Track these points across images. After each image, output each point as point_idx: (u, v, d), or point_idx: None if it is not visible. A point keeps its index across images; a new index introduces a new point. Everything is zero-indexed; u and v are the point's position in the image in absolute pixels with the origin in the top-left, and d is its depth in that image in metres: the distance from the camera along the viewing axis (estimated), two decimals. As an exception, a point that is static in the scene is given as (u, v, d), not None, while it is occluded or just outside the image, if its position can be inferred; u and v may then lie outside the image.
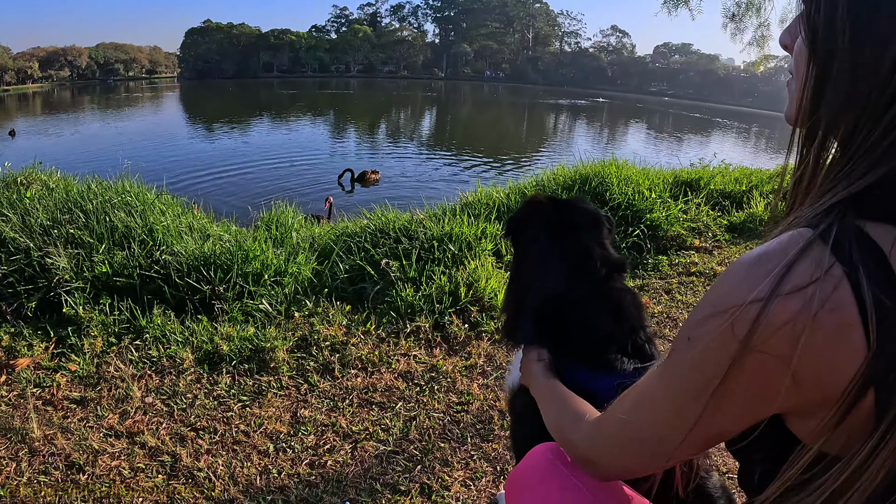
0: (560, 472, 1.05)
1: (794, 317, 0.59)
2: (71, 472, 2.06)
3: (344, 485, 2.04)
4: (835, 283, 0.59)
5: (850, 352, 0.59)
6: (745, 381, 0.65)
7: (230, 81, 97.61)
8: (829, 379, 0.61)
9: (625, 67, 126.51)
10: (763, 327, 0.61)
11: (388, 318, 3.14)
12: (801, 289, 0.59)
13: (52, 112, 41.28)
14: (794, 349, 0.60)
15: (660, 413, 0.77)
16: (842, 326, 0.58)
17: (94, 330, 2.86)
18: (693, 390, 0.70)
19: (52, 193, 4.12)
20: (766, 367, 0.62)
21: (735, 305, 0.63)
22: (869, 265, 0.58)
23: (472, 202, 5.00)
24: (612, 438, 0.88)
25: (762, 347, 0.61)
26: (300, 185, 13.49)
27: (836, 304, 0.58)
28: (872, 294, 0.57)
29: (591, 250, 1.46)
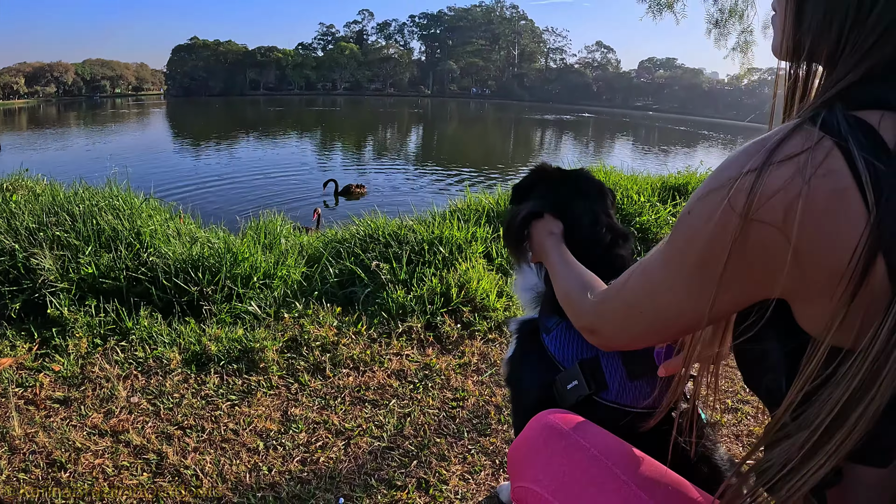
0: (563, 434, 1.04)
1: (788, 183, 0.60)
2: (52, 469, 1.99)
3: (338, 481, 1.98)
4: (826, 151, 0.60)
5: (849, 219, 0.58)
6: (748, 255, 0.65)
7: (217, 99, 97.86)
8: (831, 250, 0.60)
9: (610, 83, 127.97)
10: (759, 196, 0.61)
11: (380, 319, 3.10)
12: (793, 157, 0.61)
13: (39, 128, 41.11)
14: (790, 216, 0.60)
15: (662, 289, 0.78)
16: (836, 191, 0.59)
17: (79, 331, 2.79)
18: (696, 265, 0.71)
19: (39, 199, 4.06)
20: (766, 237, 0.63)
21: (732, 177, 0.64)
22: (858, 136, 0.60)
23: (462, 208, 5.00)
24: (614, 313, 0.91)
25: (759, 216, 0.62)
26: (287, 199, 13.44)
27: (827, 169, 0.59)
28: (864, 159, 0.58)
29: (598, 216, 1.46)
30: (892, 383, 0.58)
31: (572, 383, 1.28)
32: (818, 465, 0.62)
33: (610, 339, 0.96)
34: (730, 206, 0.64)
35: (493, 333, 3.07)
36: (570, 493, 0.98)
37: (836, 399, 0.61)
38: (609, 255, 1.41)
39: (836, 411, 0.61)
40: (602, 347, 1.04)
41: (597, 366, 1.28)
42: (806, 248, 0.61)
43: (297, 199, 13.62)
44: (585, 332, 1.02)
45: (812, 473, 0.63)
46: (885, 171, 0.57)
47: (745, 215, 0.63)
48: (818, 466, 0.62)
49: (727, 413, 2.49)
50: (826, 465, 0.62)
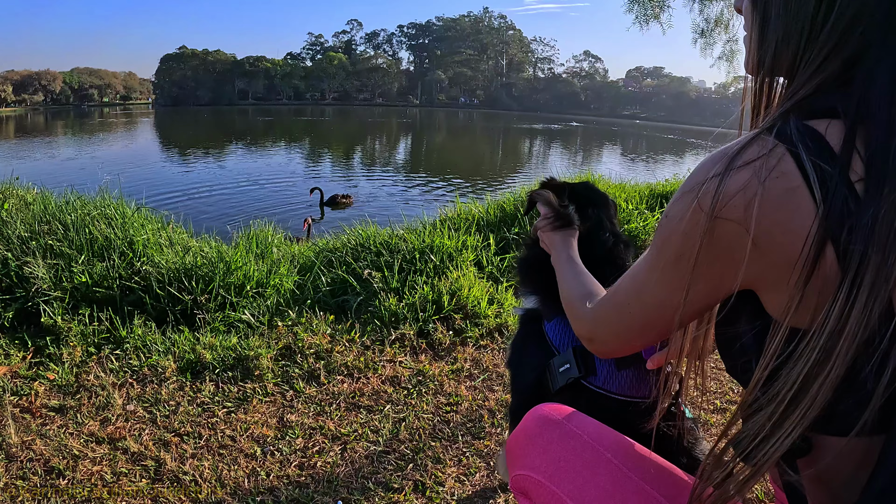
0: (559, 424, 1.11)
1: (746, 184, 0.69)
2: (50, 476, 2.00)
3: (335, 484, 2.01)
4: (779, 157, 0.68)
5: (800, 213, 0.67)
6: (716, 248, 0.73)
7: (205, 108, 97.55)
8: (785, 240, 0.68)
9: (598, 92, 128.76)
10: (722, 196, 0.70)
11: (373, 327, 3.12)
12: (750, 163, 0.70)
13: (26, 136, 40.91)
14: (749, 212, 0.69)
15: (647, 287, 0.87)
16: (788, 190, 0.67)
17: (74, 339, 2.80)
18: (673, 261, 0.79)
19: (30, 207, 4.05)
20: (729, 232, 0.71)
21: (699, 182, 0.73)
22: (807, 142, 0.68)
23: (452, 217, 5.03)
24: (608, 318, 0.99)
25: (723, 214, 0.71)
26: (277, 209, 13.43)
27: (780, 172, 0.68)
28: (811, 161, 0.66)
29: (602, 221, 1.58)
30: (847, 357, 0.65)
31: (565, 366, 1.39)
32: (786, 433, 0.69)
33: (605, 344, 1.03)
34: (699, 207, 0.73)
35: (484, 340, 3.11)
36: (566, 476, 1.05)
37: (797, 373, 0.68)
38: (612, 258, 1.53)
39: (798, 384, 0.68)
40: (600, 355, 1.11)
41: (588, 352, 1.37)
42: (763, 239, 0.69)
43: (286, 209, 13.60)
44: (585, 342, 1.08)
45: (781, 441, 0.70)
46: (830, 172, 0.66)
47: (712, 214, 0.71)
48: (786, 435, 0.69)
49: (716, 413, 2.54)
50: (793, 433, 0.69)
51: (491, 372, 2.79)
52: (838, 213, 0.65)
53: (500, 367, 2.84)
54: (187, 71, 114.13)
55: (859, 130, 0.67)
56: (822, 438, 0.73)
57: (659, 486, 1.01)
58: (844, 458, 0.73)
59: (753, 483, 0.76)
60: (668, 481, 1.03)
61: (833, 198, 0.65)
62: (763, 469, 0.72)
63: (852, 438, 0.70)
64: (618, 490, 1.01)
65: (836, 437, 0.72)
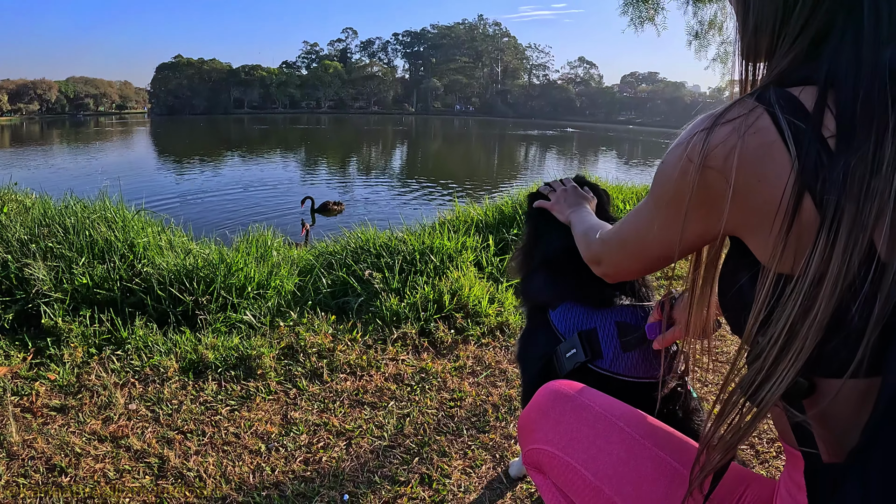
0: (570, 397, 1.13)
1: (727, 137, 0.77)
2: (52, 474, 1.99)
3: (341, 479, 2.00)
4: (757, 115, 0.75)
5: (775, 164, 0.74)
6: (702, 193, 0.81)
7: (201, 117, 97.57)
8: (762, 188, 0.75)
9: (593, 98, 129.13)
10: (708, 148, 0.78)
11: (374, 326, 3.12)
12: (732, 120, 0.77)
13: (22, 145, 40.96)
14: (729, 162, 0.76)
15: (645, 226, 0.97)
16: (764, 144, 0.74)
17: (75, 340, 2.79)
18: (667, 204, 0.88)
19: (30, 211, 4.05)
20: (713, 180, 0.79)
21: (689, 136, 0.82)
22: (782, 103, 0.75)
23: (451, 219, 5.04)
24: (612, 247, 1.11)
25: (708, 163, 0.78)
26: (274, 215, 13.43)
27: (757, 128, 0.75)
28: (786, 119, 0.73)
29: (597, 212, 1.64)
30: (831, 302, 0.69)
31: (571, 351, 1.43)
32: (782, 374, 0.74)
33: (609, 267, 1.14)
34: (688, 158, 0.81)
35: (486, 338, 3.10)
36: (580, 447, 1.06)
37: (786, 318, 0.73)
38: None
39: (787, 328, 0.72)
40: (605, 277, 1.18)
41: (594, 336, 1.42)
42: (742, 188, 0.76)
43: (283, 215, 13.63)
44: (593, 265, 1.20)
45: (779, 382, 0.74)
46: (803, 128, 0.72)
47: (699, 164, 0.79)
48: (782, 376, 0.74)
49: (720, 405, 2.53)
50: (788, 374, 0.73)
51: (493, 368, 2.79)
52: (813, 165, 0.70)
53: (502, 363, 2.84)
54: (183, 80, 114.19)
55: (830, 93, 0.73)
56: (824, 380, 0.76)
57: (673, 452, 1.02)
58: (844, 400, 0.76)
59: (758, 422, 0.80)
60: (682, 448, 1.04)
61: (807, 151, 0.71)
62: (766, 407, 0.76)
63: (848, 380, 0.73)
64: (632, 457, 1.02)
65: (835, 379, 0.75)
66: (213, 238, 4.48)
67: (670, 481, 0.99)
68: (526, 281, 1.72)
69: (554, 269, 1.60)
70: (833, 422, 0.78)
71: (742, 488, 1.00)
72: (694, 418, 1.35)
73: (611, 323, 1.43)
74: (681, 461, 1.01)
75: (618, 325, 1.43)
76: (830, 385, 0.76)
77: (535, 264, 1.68)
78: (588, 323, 1.45)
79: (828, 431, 0.79)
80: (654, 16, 12.30)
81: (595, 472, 1.03)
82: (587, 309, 1.47)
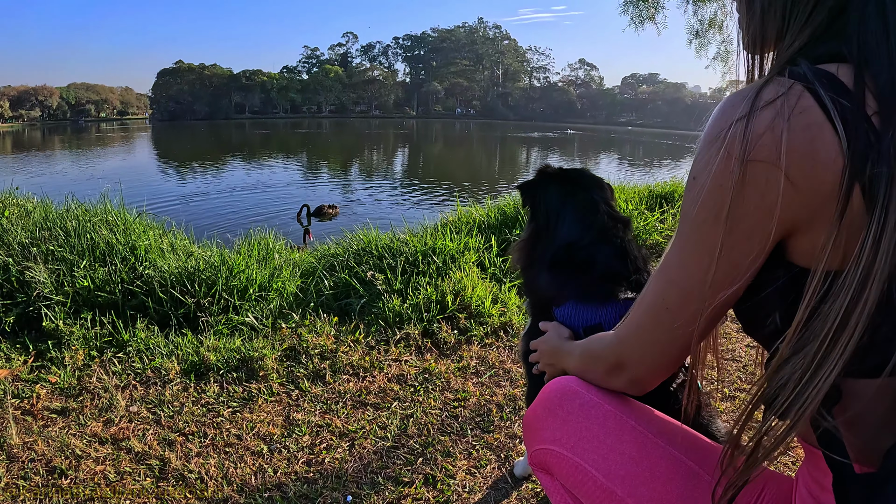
0: (578, 394, 1.08)
1: (772, 123, 0.70)
2: (52, 476, 1.97)
3: (344, 480, 1.98)
4: (798, 94, 0.70)
5: (825, 146, 0.68)
6: (749, 193, 0.72)
7: (202, 122, 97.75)
8: (814, 174, 0.69)
9: (594, 100, 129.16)
10: (751, 138, 0.70)
11: (377, 328, 3.10)
12: (771, 102, 0.71)
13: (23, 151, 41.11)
14: (778, 150, 0.69)
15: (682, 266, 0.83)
16: (811, 125, 0.69)
17: (76, 343, 2.78)
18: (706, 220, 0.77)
19: (31, 215, 4.04)
20: (761, 174, 0.71)
21: (724, 128, 0.73)
22: (823, 80, 0.70)
23: (453, 221, 5.02)
24: (638, 330, 0.93)
25: (754, 156, 0.71)
26: (276, 218, 13.44)
27: (802, 108, 0.69)
28: (830, 97, 0.68)
29: (597, 204, 1.61)
30: (879, 291, 0.66)
31: None
32: (826, 373, 0.69)
33: (639, 364, 0.95)
34: (727, 153, 0.72)
35: (489, 338, 3.08)
36: (589, 446, 1.01)
37: (836, 310, 0.68)
38: (611, 234, 1.54)
39: (839, 321, 0.68)
40: (633, 387, 1.00)
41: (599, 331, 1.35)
42: (795, 175, 0.70)
43: (285, 218, 13.63)
44: (612, 374, 1.01)
45: (822, 383, 0.69)
46: (849, 107, 0.68)
47: (743, 157, 0.71)
48: (826, 375, 0.69)
49: (725, 401, 2.52)
50: (830, 377, 0.69)
51: (497, 368, 2.77)
52: (862, 146, 0.66)
53: (506, 363, 2.82)
54: (184, 85, 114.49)
55: (865, 70, 0.70)
56: (853, 383, 0.73)
57: (687, 450, 0.98)
58: (878, 401, 0.73)
59: (789, 438, 0.74)
60: (696, 446, 1.00)
61: (856, 132, 0.67)
62: (802, 418, 0.71)
63: (885, 378, 0.71)
64: (645, 456, 0.97)
65: (867, 380, 0.72)
66: (215, 241, 4.47)
67: (685, 480, 0.95)
68: (530, 277, 1.68)
69: (559, 265, 1.56)
70: (863, 425, 0.75)
71: (760, 487, 0.97)
72: (703, 413, 1.33)
73: (616, 318, 1.40)
74: (695, 459, 0.97)
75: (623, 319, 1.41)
76: (862, 387, 0.73)
77: (538, 259, 1.64)
78: (593, 319, 1.42)
79: (857, 436, 0.75)
80: (654, 14, 12.32)
81: (606, 472, 0.99)
82: (592, 305, 1.44)
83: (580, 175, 1.73)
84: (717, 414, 1.39)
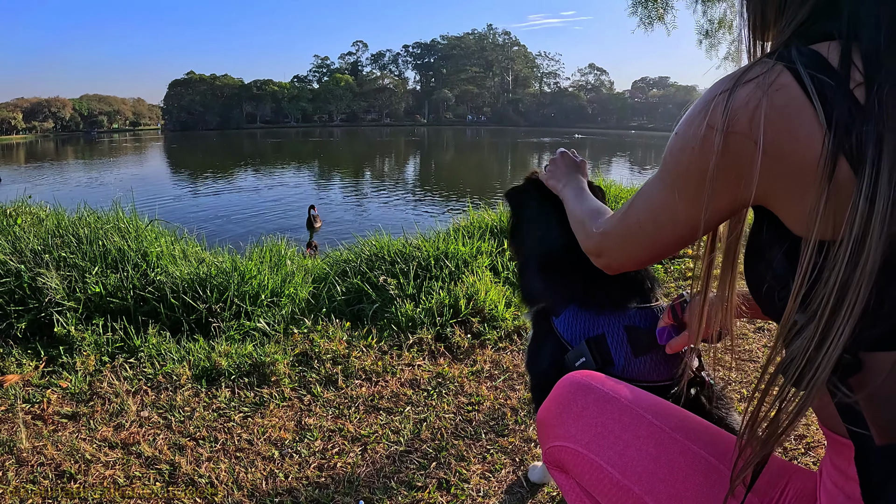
0: (593, 388, 1.06)
1: (750, 97, 0.72)
2: (61, 480, 1.96)
3: (356, 485, 1.94)
4: (778, 72, 0.72)
5: (802, 121, 0.69)
6: (728, 162, 0.76)
7: (214, 132, 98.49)
8: (791, 148, 0.71)
9: (604, 104, 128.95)
10: (731, 111, 0.73)
11: (389, 332, 3.07)
12: (753, 79, 0.73)
13: (37, 162, 41.65)
14: (755, 123, 0.71)
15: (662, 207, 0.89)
16: (789, 100, 0.70)
17: (87, 349, 2.77)
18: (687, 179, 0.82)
19: (44, 223, 4.05)
20: (739, 145, 0.74)
21: (708, 100, 0.77)
22: (805, 59, 0.71)
23: (465, 225, 5.00)
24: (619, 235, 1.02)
25: (733, 128, 0.74)
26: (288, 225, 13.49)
27: (780, 85, 0.71)
28: (809, 75, 0.70)
29: None
30: (877, 259, 0.66)
31: (580, 360, 1.36)
32: (833, 344, 0.69)
33: (614, 259, 1.06)
34: (708, 125, 0.76)
35: (503, 342, 3.04)
36: (605, 442, 1.00)
37: (833, 282, 0.68)
38: None
39: (836, 293, 0.68)
40: (606, 269, 1.10)
41: (602, 342, 1.37)
42: (771, 148, 0.72)
43: (296, 225, 13.67)
44: (592, 256, 1.12)
45: (829, 354, 0.69)
46: (831, 84, 0.69)
47: (723, 129, 0.74)
48: (833, 346, 0.69)
49: (743, 402, 2.46)
50: (838, 345, 0.68)
51: (511, 372, 2.73)
52: (844, 122, 0.67)
53: (520, 367, 2.78)
54: (195, 96, 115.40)
55: (854, 47, 0.70)
56: (873, 356, 0.71)
57: (705, 445, 0.95)
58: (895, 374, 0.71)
59: (806, 408, 0.74)
60: (715, 440, 0.97)
61: (837, 108, 0.67)
62: (816, 387, 0.71)
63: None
64: (662, 451, 0.95)
65: (885, 353, 0.71)
66: (227, 247, 4.47)
67: (704, 476, 0.92)
68: (524, 282, 1.65)
69: (553, 270, 1.53)
70: (885, 400, 0.73)
71: (784, 481, 0.93)
72: (718, 405, 1.29)
73: (619, 328, 1.38)
74: (714, 454, 0.94)
75: (626, 329, 1.38)
76: (879, 361, 0.71)
77: (530, 262, 1.61)
78: (595, 329, 1.39)
79: (880, 412, 0.73)
80: (662, 15, 12.29)
81: (622, 469, 0.96)
82: (593, 313, 1.41)
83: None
84: (733, 407, 1.35)
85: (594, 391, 1.05)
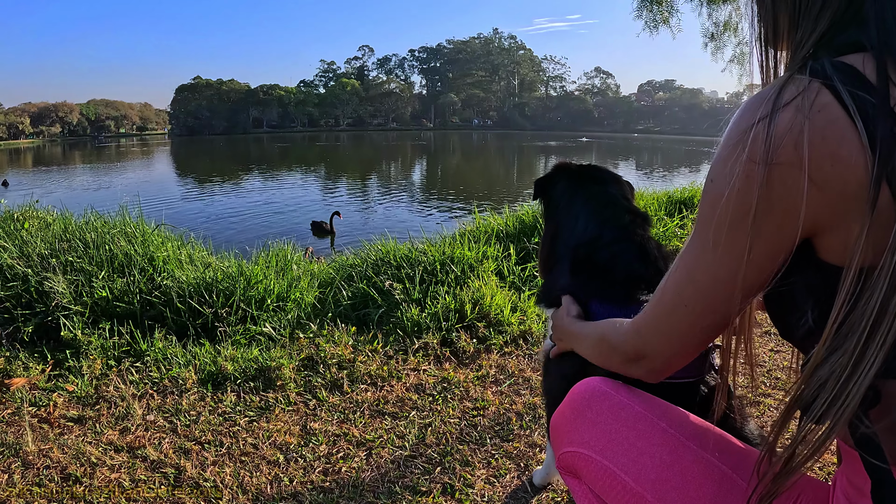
0: (608, 395, 1.05)
1: (792, 122, 0.67)
2: (67, 483, 1.96)
3: (361, 489, 1.94)
4: (816, 91, 0.68)
5: (846, 143, 0.66)
6: (772, 197, 0.70)
7: (220, 137, 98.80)
8: (836, 171, 0.67)
9: (610, 108, 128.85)
10: (773, 140, 0.68)
11: (395, 337, 3.07)
12: (791, 101, 0.68)
13: (44, 166, 41.91)
14: (800, 151, 0.67)
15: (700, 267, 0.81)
16: (830, 121, 0.66)
17: (94, 353, 2.78)
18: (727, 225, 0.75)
19: (51, 227, 4.08)
20: (783, 176, 0.69)
21: (745, 130, 0.71)
22: (841, 75, 0.67)
23: (471, 230, 4.99)
24: (657, 324, 0.91)
25: (777, 159, 0.68)
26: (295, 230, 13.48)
27: (820, 105, 0.67)
28: (848, 92, 0.66)
29: (617, 199, 1.57)
30: None
31: None
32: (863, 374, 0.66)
33: (658, 354, 0.93)
34: (749, 158, 0.70)
35: (509, 347, 3.04)
36: (619, 449, 0.99)
37: (872, 306, 0.65)
38: (631, 232, 1.48)
39: (874, 316, 0.65)
40: (651, 376, 0.98)
41: None
42: (816, 174, 0.67)
43: (303, 230, 13.68)
44: (631, 364, 0.98)
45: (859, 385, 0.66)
46: (870, 101, 0.65)
47: (766, 160, 0.69)
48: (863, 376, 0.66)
49: (750, 406, 2.46)
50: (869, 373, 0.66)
51: (517, 377, 2.72)
52: (888, 145, 0.63)
53: (526, 372, 2.77)
54: (202, 101, 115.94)
55: (888, 56, 0.67)
56: (892, 385, 0.70)
57: (719, 454, 0.94)
58: None
59: (830, 440, 0.71)
60: (729, 449, 0.96)
61: (878, 126, 0.64)
62: (842, 420, 0.68)
63: None
64: (676, 460, 0.94)
65: None
66: (233, 252, 4.48)
67: (718, 486, 0.91)
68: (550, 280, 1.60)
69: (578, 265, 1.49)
70: None
71: (796, 493, 0.92)
72: (735, 415, 1.28)
73: None
74: (728, 463, 0.93)
75: None
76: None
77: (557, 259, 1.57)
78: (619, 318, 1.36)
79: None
80: (668, 18, 12.27)
81: (636, 476, 0.96)
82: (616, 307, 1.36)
83: (594, 169, 1.71)
84: (749, 416, 1.33)
85: (609, 398, 1.04)
